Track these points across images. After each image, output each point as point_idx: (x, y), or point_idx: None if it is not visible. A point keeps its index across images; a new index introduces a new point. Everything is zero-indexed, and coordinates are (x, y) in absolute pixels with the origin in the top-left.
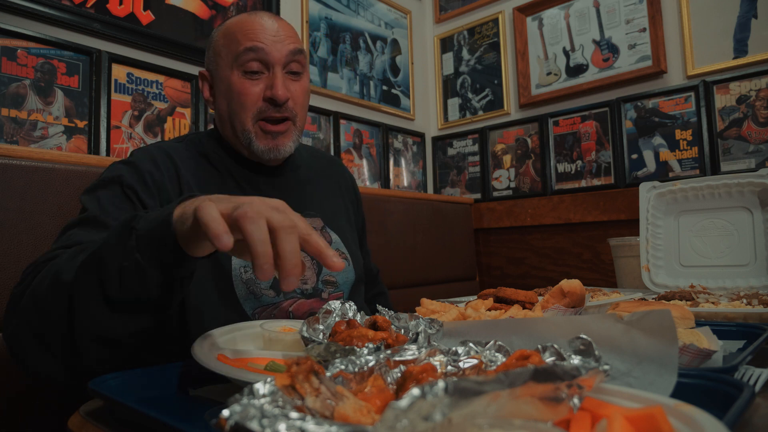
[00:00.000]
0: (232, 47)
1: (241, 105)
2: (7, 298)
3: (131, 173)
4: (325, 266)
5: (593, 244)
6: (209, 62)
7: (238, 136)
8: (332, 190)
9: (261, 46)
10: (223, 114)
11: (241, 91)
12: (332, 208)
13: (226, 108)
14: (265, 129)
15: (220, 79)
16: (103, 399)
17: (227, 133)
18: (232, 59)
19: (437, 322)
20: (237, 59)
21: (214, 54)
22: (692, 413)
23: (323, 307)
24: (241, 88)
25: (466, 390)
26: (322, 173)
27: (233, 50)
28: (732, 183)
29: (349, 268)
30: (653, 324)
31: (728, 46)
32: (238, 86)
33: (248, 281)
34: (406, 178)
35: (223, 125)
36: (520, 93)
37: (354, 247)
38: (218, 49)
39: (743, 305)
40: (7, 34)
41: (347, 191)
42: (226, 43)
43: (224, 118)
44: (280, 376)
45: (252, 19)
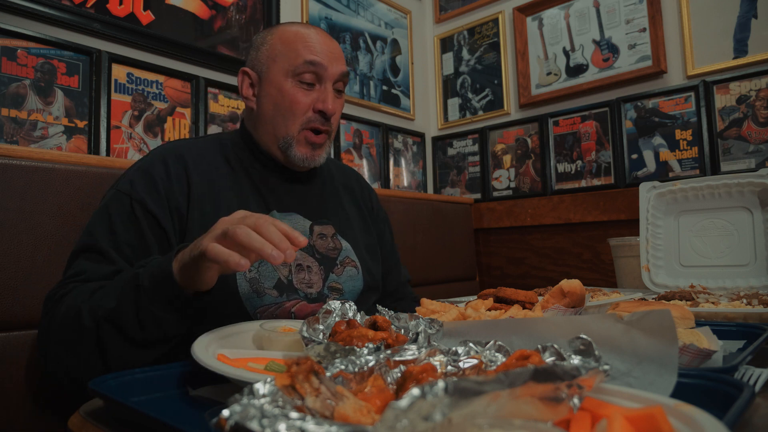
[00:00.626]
0: (291, 56)
1: (292, 112)
2: (8, 298)
3: (143, 184)
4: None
5: (593, 244)
6: (257, 63)
7: (276, 138)
8: (349, 202)
9: (320, 62)
10: (265, 115)
11: (293, 99)
12: (347, 218)
13: (272, 110)
14: (310, 140)
15: (269, 82)
16: (103, 399)
17: (262, 133)
18: (288, 67)
19: (437, 322)
20: (295, 69)
21: (267, 57)
22: (692, 413)
23: (323, 307)
24: (294, 97)
25: (466, 390)
26: (341, 185)
27: (292, 59)
28: (732, 183)
29: (358, 277)
30: (653, 324)
31: (728, 46)
32: (292, 94)
33: (252, 280)
34: (406, 178)
35: (260, 124)
36: (520, 93)
37: (367, 257)
38: (273, 54)
39: (743, 305)
40: (7, 34)
41: (365, 203)
42: (285, 51)
43: (266, 118)
44: (280, 376)
45: (312, 33)
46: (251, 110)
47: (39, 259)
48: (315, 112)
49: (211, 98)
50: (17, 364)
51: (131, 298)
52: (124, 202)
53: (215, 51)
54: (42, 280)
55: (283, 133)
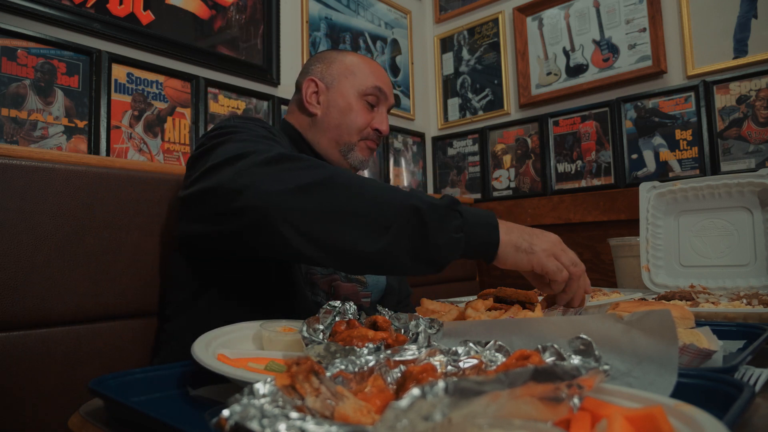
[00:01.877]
0: (363, 78)
1: (357, 124)
2: (8, 298)
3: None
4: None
5: (593, 244)
6: (327, 75)
7: (338, 143)
8: None
9: (386, 91)
10: (330, 121)
11: (360, 113)
12: None
13: (338, 118)
14: (370, 146)
15: (340, 94)
16: (103, 399)
17: (321, 136)
18: (360, 86)
19: (437, 322)
20: (365, 90)
21: (339, 73)
22: (692, 413)
23: (323, 307)
24: (361, 112)
25: (466, 390)
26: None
27: (364, 81)
28: (732, 183)
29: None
30: (653, 324)
31: (728, 46)
32: (358, 109)
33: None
34: (406, 178)
35: (321, 129)
36: (520, 93)
37: None
38: (347, 72)
39: (743, 305)
40: (7, 34)
41: None
42: (358, 72)
43: (330, 125)
44: (280, 376)
45: (379, 68)
46: (312, 115)
47: (39, 259)
48: (372, 130)
49: (211, 98)
50: (17, 364)
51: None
52: (250, 127)
53: (215, 51)
54: (42, 280)
55: (346, 140)
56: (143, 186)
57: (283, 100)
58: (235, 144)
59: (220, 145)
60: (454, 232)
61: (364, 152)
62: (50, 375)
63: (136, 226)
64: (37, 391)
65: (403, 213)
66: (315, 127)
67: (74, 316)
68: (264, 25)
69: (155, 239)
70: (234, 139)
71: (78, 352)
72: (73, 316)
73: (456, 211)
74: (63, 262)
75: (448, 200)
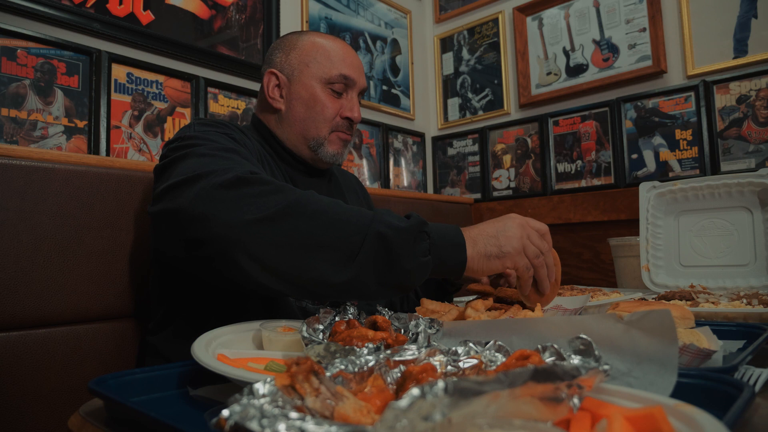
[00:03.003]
0: (326, 65)
1: (323, 116)
2: (7, 298)
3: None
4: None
5: (593, 244)
6: (286, 66)
7: (305, 138)
8: (353, 201)
9: (352, 76)
10: (296, 116)
11: (326, 104)
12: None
13: (303, 112)
14: (342, 138)
15: (302, 85)
16: (103, 399)
17: (289, 132)
18: (323, 75)
19: (437, 322)
20: (329, 78)
21: (299, 61)
22: (692, 413)
23: (323, 307)
24: (326, 102)
25: (466, 390)
26: (344, 186)
27: (327, 69)
28: (732, 183)
29: None
30: (653, 324)
31: (728, 46)
32: (323, 99)
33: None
34: (406, 178)
35: (288, 124)
36: (520, 93)
37: None
38: (306, 59)
39: (743, 305)
40: (7, 34)
41: (365, 200)
42: (320, 59)
43: (295, 119)
44: (280, 376)
45: (344, 48)
46: (277, 111)
47: (39, 259)
48: (342, 119)
49: (211, 98)
50: (17, 364)
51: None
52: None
53: (215, 51)
54: (42, 280)
55: (314, 134)
56: (143, 186)
57: None
58: (194, 160)
59: (181, 160)
60: (421, 256)
61: (335, 145)
62: (50, 375)
63: (136, 226)
64: (37, 391)
65: (370, 241)
66: (282, 123)
67: (74, 316)
68: (264, 25)
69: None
70: (193, 153)
71: (78, 352)
72: (73, 316)
73: (423, 232)
74: (63, 262)
75: (415, 221)
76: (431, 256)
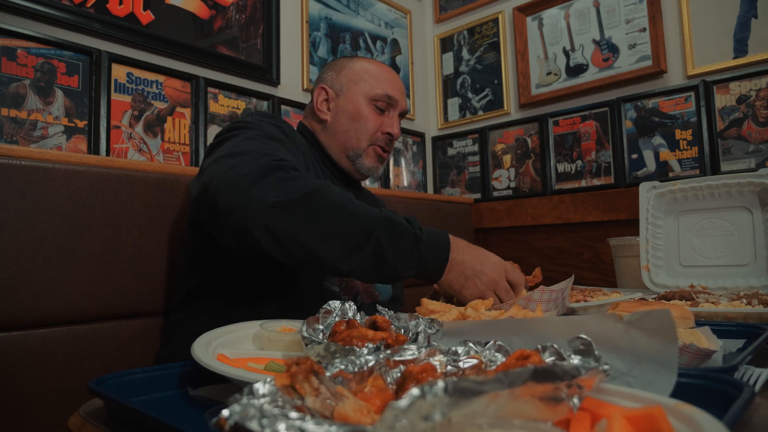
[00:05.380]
0: (373, 84)
1: (366, 129)
2: (7, 298)
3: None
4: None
5: (593, 244)
6: (336, 82)
7: (346, 148)
8: None
9: (395, 97)
10: (340, 127)
11: (369, 118)
12: None
13: (347, 124)
14: (378, 153)
15: (349, 100)
16: (103, 399)
17: (332, 142)
18: (369, 92)
19: (437, 322)
20: (375, 96)
21: (348, 79)
22: (692, 413)
23: (323, 307)
24: (370, 117)
25: (466, 390)
26: (372, 201)
27: (374, 87)
28: (732, 183)
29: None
30: (653, 324)
31: (728, 46)
32: (367, 113)
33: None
34: (406, 178)
35: (331, 134)
36: (520, 93)
37: None
38: (356, 78)
39: (743, 305)
40: (7, 34)
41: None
42: (368, 79)
43: (339, 130)
44: (279, 376)
45: (390, 73)
46: (323, 122)
47: (39, 259)
48: (383, 134)
49: (211, 98)
50: (17, 364)
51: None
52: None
53: (215, 51)
54: (42, 280)
55: (354, 145)
56: (143, 186)
57: (283, 100)
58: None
59: (229, 139)
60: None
61: (372, 159)
62: (50, 375)
63: (136, 226)
64: (37, 391)
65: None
66: (326, 132)
67: (74, 316)
68: (264, 25)
69: (155, 239)
70: (241, 135)
71: (78, 352)
72: (73, 316)
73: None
74: (63, 262)
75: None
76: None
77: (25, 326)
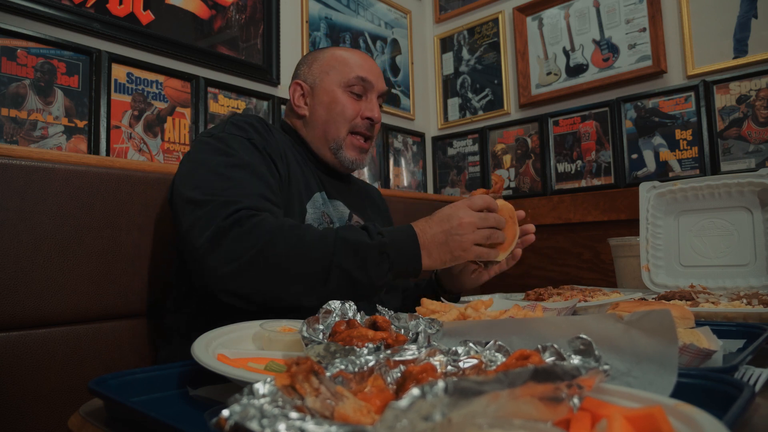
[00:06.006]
0: (344, 71)
1: (343, 116)
2: (7, 298)
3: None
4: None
5: (593, 244)
6: (309, 76)
7: (327, 140)
8: (372, 207)
9: (369, 78)
10: (318, 119)
11: (346, 105)
12: (372, 219)
13: (325, 115)
14: (357, 145)
15: (323, 91)
16: (103, 399)
17: (313, 136)
18: (341, 79)
19: (437, 322)
20: (347, 81)
21: (320, 71)
22: (692, 413)
23: (323, 307)
24: (347, 104)
25: (466, 390)
26: (366, 195)
27: (345, 73)
28: (732, 183)
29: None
30: (653, 324)
31: (728, 46)
32: (343, 101)
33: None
34: (406, 178)
35: (312, 128)
36: (520, 93)
37: None
38: (327, 68)
39: (743, 305)
40: (7, 34)
41: (384, 212)
42: (338, 66)
43: (318, 123)
44: (280, 376)
45: (361, 55)
46: (302, 117)
47: (39, 259)
48: (363, 119)
49: (211, 98)
50: (17, 364)
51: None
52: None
53: (215, 51)
54: (42, 280)
55: (334, 135)
56: (143, 186)
57: (283, 100)
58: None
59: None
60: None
61: (353, 151)
62: (50, 375)
63: (136, 226)
64: (37, 391)
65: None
66: (306, 127)
67: (74, 316)
68: (264, 25)
69: (155, 239)
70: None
71: (78, 352)
72: (73, 316)
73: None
74: (63, 262)
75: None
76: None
77: (25, 326)
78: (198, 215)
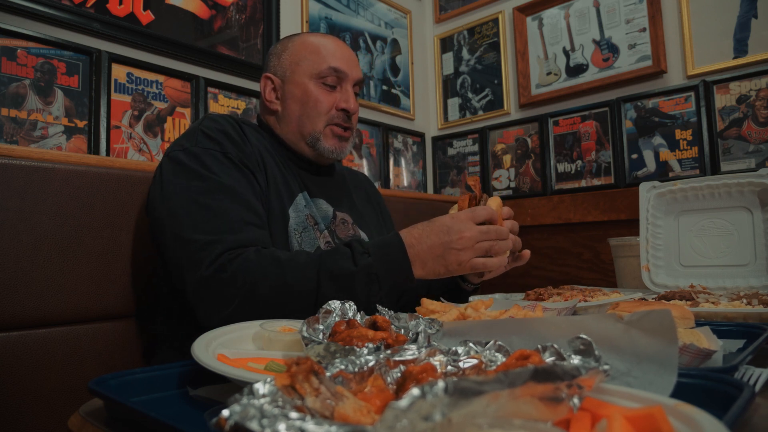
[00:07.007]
0: (315, 60)
1: (317, 110)
2: (7, 298)
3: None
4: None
5: (593, 244)
6: (279, 68)
7: (302, 135)
8: (362, 199)
9: (342, 68)
10: (291, 114)
11: (319, 98)
12: (362, 212)
13: (298, 109)
14: (336, 133)
15: (295, 84)
16: (103, 399)
17: (287, 131)
18: (313, 70)
19: (437, 322)
20: (319, 72)
21: (290, 62)
22: (692, 413)
23: (323, 307)
24: (320, 96)
25: (466, 390)
26: (353, 186)
27: (316, 64)
28: (732, 183)
29: None
30: (653, 324)
31: (728, 46)
32: (316, 94)
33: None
34: (406, 178)
35: (285, 124)
36: (520, 93)
37: None
38: (297, 59)
39: (743, 305)
40: (7, 34)
41: (377, 204)
42: (309, 56)
43: (291, 118)
44: (280, 376)
45: (333, 42)
46: (275, 112)
47: (39, 259)
48: (338, 111)
49: (211, 98)
50: (17, 364)
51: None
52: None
53: (215, 51)
54: (42, 280)
55: (310, 129)
56: (143, 186)
57: None
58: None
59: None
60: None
61: (331, 140)
62: (50, 375)
63: (136, 226)
64: (37, 391)
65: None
66: (280, 123)
67: (74, 316)
68: (264, 25)
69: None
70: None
71: (78, 352)
72: (73, 316)
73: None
74: (63, 262)
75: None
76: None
77: (25, 326)
78: (180, 255)
